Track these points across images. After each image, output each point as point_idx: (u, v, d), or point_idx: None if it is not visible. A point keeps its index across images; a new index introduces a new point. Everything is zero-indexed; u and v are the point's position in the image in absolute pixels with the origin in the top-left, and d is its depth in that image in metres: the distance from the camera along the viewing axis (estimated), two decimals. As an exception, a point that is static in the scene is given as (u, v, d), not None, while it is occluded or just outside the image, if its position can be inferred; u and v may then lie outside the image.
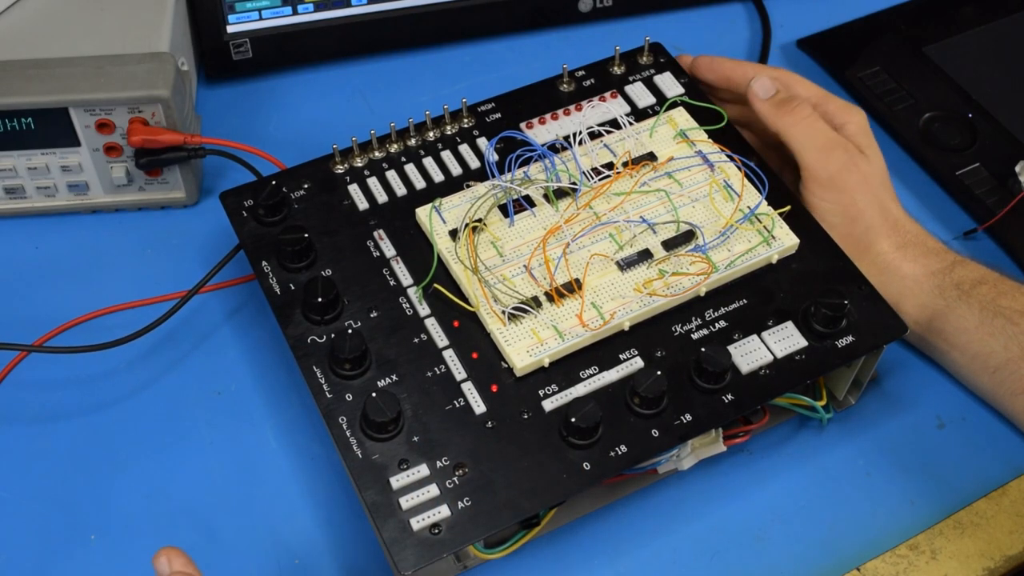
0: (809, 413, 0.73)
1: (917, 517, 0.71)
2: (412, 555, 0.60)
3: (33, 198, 0.83)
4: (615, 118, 0.79)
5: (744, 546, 0.70)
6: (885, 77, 0.94)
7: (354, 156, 0.77)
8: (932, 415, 0.76)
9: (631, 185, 0.75)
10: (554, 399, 0.66)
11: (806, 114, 0.76)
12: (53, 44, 0.81)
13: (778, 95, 0.77)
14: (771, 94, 0.77)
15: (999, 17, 0.99)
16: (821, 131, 0.76)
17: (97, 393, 0.75)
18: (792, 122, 0.76)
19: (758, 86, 0.78)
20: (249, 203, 0.75)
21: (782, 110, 0.77)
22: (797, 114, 0.76)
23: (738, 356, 0.68)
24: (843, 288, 0.70)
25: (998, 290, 0.73)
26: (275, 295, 0.70)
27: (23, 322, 0.77)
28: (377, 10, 0.93)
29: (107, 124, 0.77)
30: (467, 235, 0.71)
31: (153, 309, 0.76)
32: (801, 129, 0.76)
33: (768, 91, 0.77)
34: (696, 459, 0.69)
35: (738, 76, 0.81)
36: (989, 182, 0.87)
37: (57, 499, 0.71)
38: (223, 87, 0.94)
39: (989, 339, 0.72)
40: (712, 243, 0.72)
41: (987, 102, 0.92)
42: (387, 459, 0.63)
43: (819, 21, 1.00)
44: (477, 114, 0.80)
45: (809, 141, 0.76)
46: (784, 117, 0.76)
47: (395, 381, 0.67)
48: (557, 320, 0.68)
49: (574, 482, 0.63)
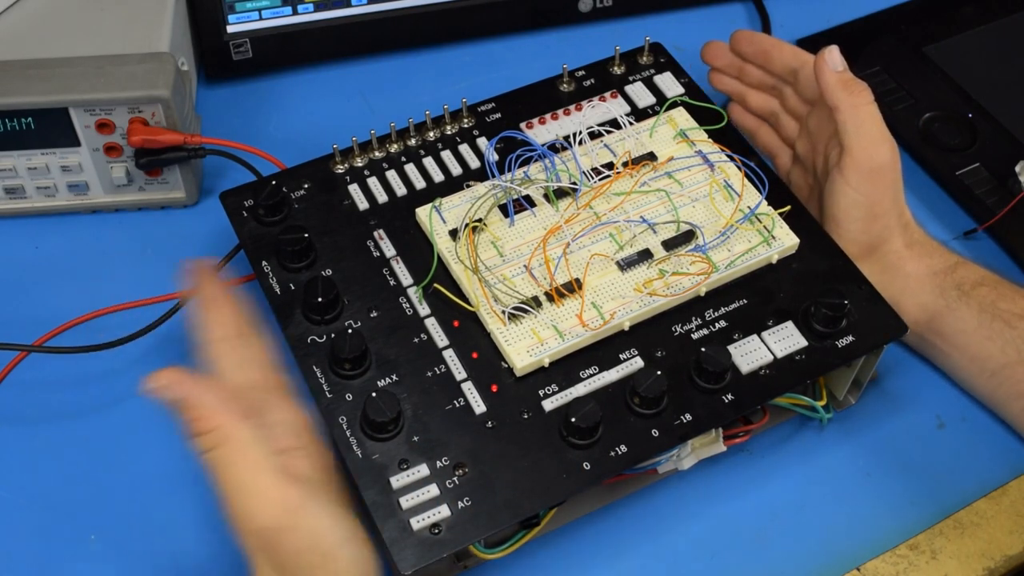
0: (809, 413, 0.73)
1: (917, 517, 0.71)
2: (412, 555, 0.60)
3: (33, 198, 0.83)
4: (615, 118, 0.79)
5: (744, 546, 0.70)
6: (885, 77, 0.94)
7: (354, 156, 0.77)
8: (932, 415, 0.76)
9: (631, 185, 0.75)
10: (554, 399, 0.66)
11: (869, 100, 0.74)
12: (53, 44, 0.81)
13: (845, 72, 0.75)
14: (839, 69, 0.75)
15: (999, 17, 0.99)
16: (879, 122, 0.74)
17: (97, 393, 0.75)
18: (855, 103, 0.74)
19: (829, 57, 0.75)
20: (249, 203, 0.75)
21: (848, 88, 0.74)
22: (861, 97, 0.74)
23: (738, 356, 0.68)
24: (843, 288, 0.70)
25: (998, 292, 0.73)
26: (275, 295, 0.70)
27: (23, 322, 0.77)
28: (377, 10, 0.93)
29: (107, 124, 0.77)
30: (467, 235, 0.71)
31: (153, 309, 0.76)
32: (861, 113, 0.74)
33: (837, 65, 0.75)
34: (696, 459, 0.69)
35: (777, 54, 0.80)
36: (989, 182, 0.87)
37: (57, 499, 0.71)
38: (223, 87, 0.94)
39: (987, 342, 0.72)
40: (712, 243, 0.72)
41: (987, 102, 0.92)
42: (387, 459, 0.63)
43: (819, 21, 1.00)
44: (477, 114, 0.80)
45: (864, 128, 0.74)
46: (848, 96, 0.74)
47: (395, 381, 0.67)
48: (557, 320, 0.68)
49: (574, 482, 0.63)
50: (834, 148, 0.76)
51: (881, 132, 0.74)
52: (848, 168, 0.74)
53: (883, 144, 0.74)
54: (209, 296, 0.61)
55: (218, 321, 0.60)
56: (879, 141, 0.74)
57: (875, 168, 0.74)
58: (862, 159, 0.73)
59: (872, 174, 0.74)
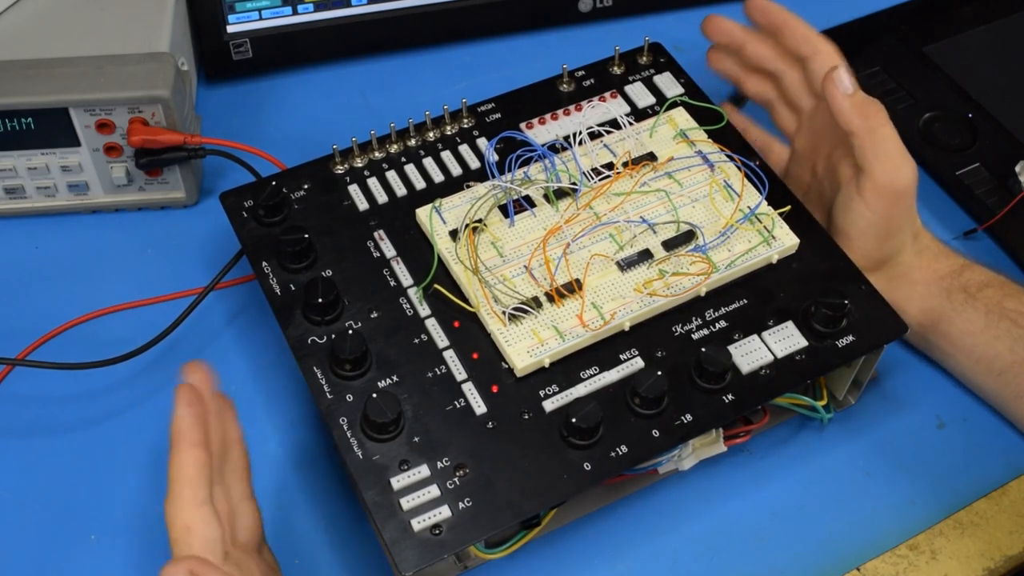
0: (809, 413, 0.73)
1: (917, 517, 0.71)
2: (413, 556, 0.60)
3: (33, 198, 0.83)
4: (615, 118, 0.79)
5: (744, 546, 0.70)
6: (885, 77, 0.94)
7: (354, 156, 0.77)
8: (932, 415, 0.76)
9: (631, 185, 0.75)
10: (555, 399, 0.66)
11: (884, 121, 0.72)
12: (53, 44, 0.81)
13: (858, 94, 0.73)
14: (850, 92, 0.73)
15: (999, 17, 0.99)
16: (897, 143, 0.72)
17: (97, 392, 0.75)
18: (871, 127, 0.72)
19: (839, 79, 0.73)
20: (249, 203, 0.75)
21: (863, 112, 0.72)
22: (877, 119, 0.72)
23: (738, 356, 0.68)
24: (843, 288, 0.70)
25: (1004, 293, 0.73)
26: (275, 296, 0.70)
27: (23, 322, 0.77)
28: (377, 10, 0.93)
29: (107, 124, 0.77)
30: (467, 235, 0.71)
31: (153, 309, 0.76)
32: (878, 135, 0.72)
33: (847, 88, 0.73)
34: (697, 459, 0.69)
35: (789, 33, 0.77)
36: (989, 182, 0.87)
37: (58, 499, 0.71)
38: (223, 87, 0.94)
39: (995, 342, 0.72)
40: (712, 243, 0.72)
41: (987, 102, 0.92)
42: (388, 460, 0.63)
43: (819, 21, 0.99)
44: (477, 114, 0.80)
45: (883, 150, 0.72)
46: (864, 120, 0.72)
47: (396, 382, 0.67)
48: (557, 320, 0.68)
49: (575, 482, 0.63)
50: (847, 164, 0.74)
51: (901, 153, 0.72)
52: (868, 191, 0.72)
53: (904, 166, 0.72)
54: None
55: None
56: (900, 163, 0.72)
57: (898, 190, 0.72)
58: (883, 182, 0.72)
59: (893, 196, 0.72)
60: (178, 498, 0.56)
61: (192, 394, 0.59)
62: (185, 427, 0.58)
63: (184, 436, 0.58)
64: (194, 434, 0.58)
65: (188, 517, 0.56)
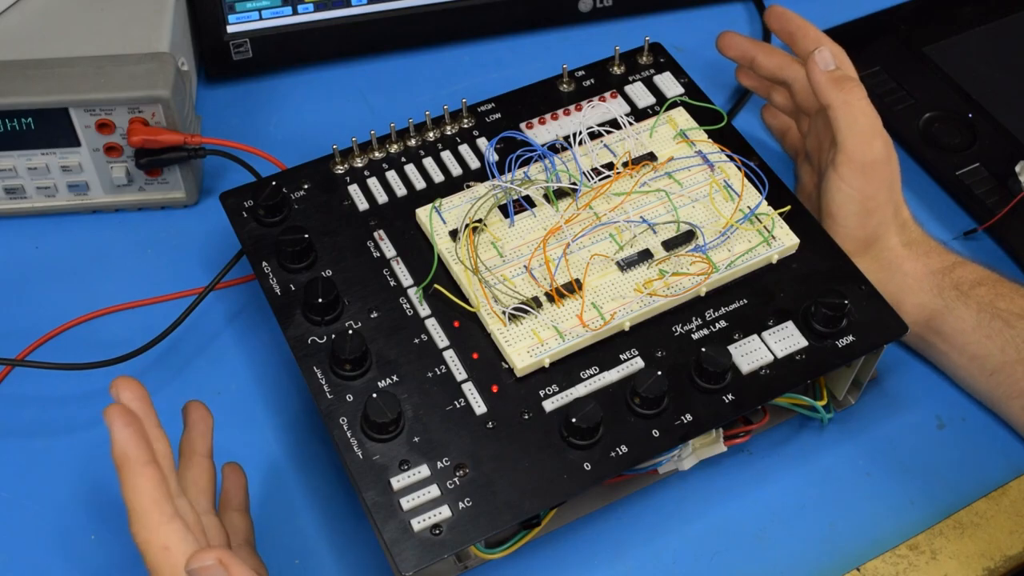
0: (809, 413, 0.73)
1: (917, 517, 0.71)
2: (413, 556, 0.60)
3: (33, 198, 0.83)
4: (615, 118, 0.79)
5: (744, 546, 0.70)
6: (885, 77, 0.94)
7: (354, 156, 0.77)
8: (932, 415, 0.76)
9: (631, 185, 0.75)
10: (555, 399, 0.66)
11: (860, 96, 0.74)
12: (53, 44, 0.81)
13: (837, 71, 0.76)
14: (831, 68, 0.75)
15: (999, 17, 0.99)
16: (871, 117, 0.74)
17: (97, 392, 0.75)
18: (845, 100, 0.74)
19: (820, 57, 0.76)
20: (249, 203, 0.75)
21: (838, 86, 0.74)
22: (852, 93, 0.74)
23: (738, 356, 0.68)
24: (843, 288, 0.70)
25: (996, 292, 0.73)
26: (275, 296, 0.70)
27: (23, 322, 0.77)
28: (377, 10, 0.93)
29: (107, 124, 0.77)
30: (467, 235, 0.71)
31: (153, 309, 0.76)
32: (853, 109, 0.74)
33: (828, 64, 0.75)
34: (697, 459, 0.69)
35: (801, 38, 0.80)
36: (989, 182, 0.87)
37: (58, 499, 0.71)
38: (223, 87, 0.94)
39: (986, 341, 0.72)
40: (712, 243, 0.72)
41: (987, 102, 0.92)
42: (388, 460, 0.63)
43: (819, 21, 0.99)
44: (477, 114, 0.80)
45: (856, 124, 0.74)
46: (839, 93, 0.74)
47: (396, 382, 0.67)
48: (557, 320, 0.68)
49: (575, 482, 0.63)
50: (830, 145, 0.76)
51: (873, 127, 0.74)
52: (841, 164, 0.74)
53: (876, 139, 0.74)
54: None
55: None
56: (871, 136, 0.74)
57: (868, 163, 0.74)
58: (855, 154, 0.74)
59: (865, 169, 0.74)
60: (146, 520, 0.54)
61: (126, 413, 0.55)
62: (130, 448, 0.54)
63: (130, 458, 0.54)
64: (140, 454, 0.54)
65: (164, 536, 0.54)
